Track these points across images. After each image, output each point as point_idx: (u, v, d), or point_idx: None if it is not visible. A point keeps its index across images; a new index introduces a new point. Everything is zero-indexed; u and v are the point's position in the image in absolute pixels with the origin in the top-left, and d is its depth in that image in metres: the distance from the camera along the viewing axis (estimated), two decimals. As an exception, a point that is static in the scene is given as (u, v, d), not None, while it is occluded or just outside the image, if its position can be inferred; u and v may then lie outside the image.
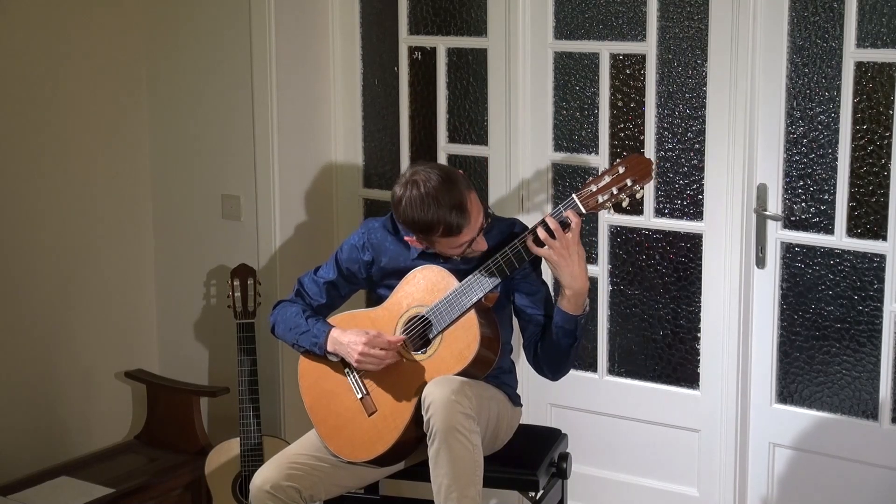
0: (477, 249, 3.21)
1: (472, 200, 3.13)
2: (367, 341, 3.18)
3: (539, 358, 3.30)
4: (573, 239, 3.10)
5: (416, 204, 3.10)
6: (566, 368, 3.32)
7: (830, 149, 3.50)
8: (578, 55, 3.83)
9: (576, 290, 3.15)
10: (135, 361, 4.38)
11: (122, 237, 4.31)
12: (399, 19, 4.10)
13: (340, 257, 3.43)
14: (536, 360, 3.32)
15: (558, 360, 3.27)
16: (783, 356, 3.67)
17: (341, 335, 3.26)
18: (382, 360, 3.19)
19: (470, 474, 3.04)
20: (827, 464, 3.63)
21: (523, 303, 3.32)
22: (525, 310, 3.32)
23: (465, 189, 3.13)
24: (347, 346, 3.22)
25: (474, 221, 3.13)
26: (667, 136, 3.73)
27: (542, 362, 3.30)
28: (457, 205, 3.09)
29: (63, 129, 4.09)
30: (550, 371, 3.32)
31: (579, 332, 3.21)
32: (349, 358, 3.23)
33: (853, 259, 3.52)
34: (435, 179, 3.10)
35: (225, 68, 4.14)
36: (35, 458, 4.04)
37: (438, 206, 3.08)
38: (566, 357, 3.26)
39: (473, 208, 3.12)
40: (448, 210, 3.08)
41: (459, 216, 3.09)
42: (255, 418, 3.92)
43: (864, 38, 3.39)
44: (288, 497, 3.21)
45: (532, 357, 3.32)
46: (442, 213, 3.08)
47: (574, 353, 3.26)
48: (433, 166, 3.18)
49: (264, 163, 4.11)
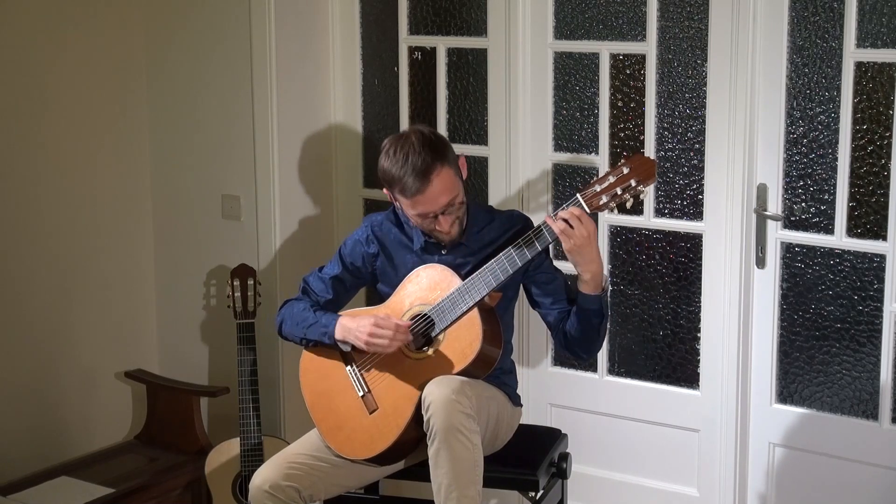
0: (439, 230, 3.22)
1: (440, 173, 3.15)
2: (376, 322, 3.18)
3: (570, 341, 3.30)
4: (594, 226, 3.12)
5: (390, 154, 3.19)
6: (599, 344, 3.34)
7: (830, 149, 3.50)
8: (578, 55, 3.83)
9: (594, 273, 3.16)
10: (135, 361, 4.38)
11: (122, 237, 4.31)
12: (399, 19, 4.10)
13: (344, 252, 3.44)
14: (568, 345, 3.32)
15: (591, 339, 3.29)
16: (783, 356, 3.67)
17: (350, 321, 3.26)
18: (391, 343, 3.18)
19: (470, 474, 3.05)
20: (827, 464, 3.63)
21: (541, 292, 3.33)
22: (544, 300, 3.33)
23: (442, 161, 3.16)
24: (356, 329, 3.22)
25: (433, 194, 3.15)
26: (667, 136, 3.73)
27: (575, 344, 3.31)
28: (422, 169, 3.13)
29: (63, 129, 4.09)
30: (584, 351, 3.34)
31: (605, 308, 3.24)
32: (358, 341, 3.21)
33: (853, 259, 3.52)
34: (416, 140, 3.16)
35: (225, 68, 4.14)
36: (35, 458, 4.04)
37: (405, 162, 3.14)
38: (598, 334, 3.28)
39: (439, 181, 3.15)
40: (411, 170, 3.13)
41: (419, 180, 3.13)
42: (255, 418, 3.92)
43: (864, 38, 3.39)
44: (287, 497, 3.21)
45: (563, 342, 3.32)
46: (404, 171, 3.14)
47: (604, 328, 3.29)
48: (429, 130, 3.24)
49: (264, 163, 4.11)
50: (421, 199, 3.16)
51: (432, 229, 3.25)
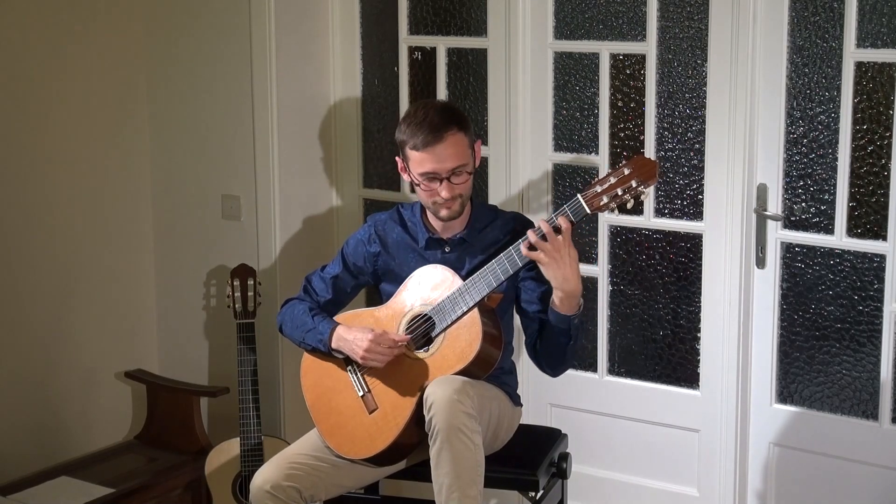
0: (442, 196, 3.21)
1: (453, 134, 3.21)
2: (373, 339, 3.19)
3: (539, 354, 3.32)
4: (564, 242, 3.10)
5: (409, 113, 3.27)
6: (565, 366, 3.33)
7: (830, 149, 3.50)
8: (578, 55, 3.83)
9: (567, 292, 3.15)
10: (135, 361, 4.38)
11: (123, 237, 4.31)
12: (399, 19, 4.10)
13: (346, 251, 3.45)
14: (536, 356, 3.33)
15: (556, 357, 3.28)
16: (783, 356, 3.68)
17: (346, 332, 3.26)
18: (387, 358, 3.20)
19: (471, 474, 3.04)
20: (827, 464, 3.63)
21: (527, 298, 3.32)
22: (529, 306, 3.32)
23: (459, 126, 3.23)
24: (352, 342, 3.23)
25: (442, 152, 3.19)
26: (667, 136, 3.73)
27: (542, 358, 3.32)
28: (436, 124, 3.19)
29: (63, 130, 4.09)
30: (549, 367, 3.34)
31: (573, 331, 3.21)
32: (354, 355, 3.23)
33: (853, 259, 3.53)
34: (438, 103, 3.33)
35: (225, 68, 4.14)
36: (35, 458, 4.04)
37: (422, 119, 3.21)
38: (563, 355, 3.27)
39: (450, 141, 3.20)
40: (427, 124, 3.20)
41: (431, 134, 3.19)
42: (255, 418, 3.92)
43: (864, 38, 3.39)
44: (288, 497, 3.21)
45: (532, 353, 3.34)
46: (417, 126, 3.21)
47: (571, 351, 3.26)
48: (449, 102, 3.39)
49: (264, 163, 4.11)
50: (430, 154, 3.18)
51: (435, 200, 3.24)
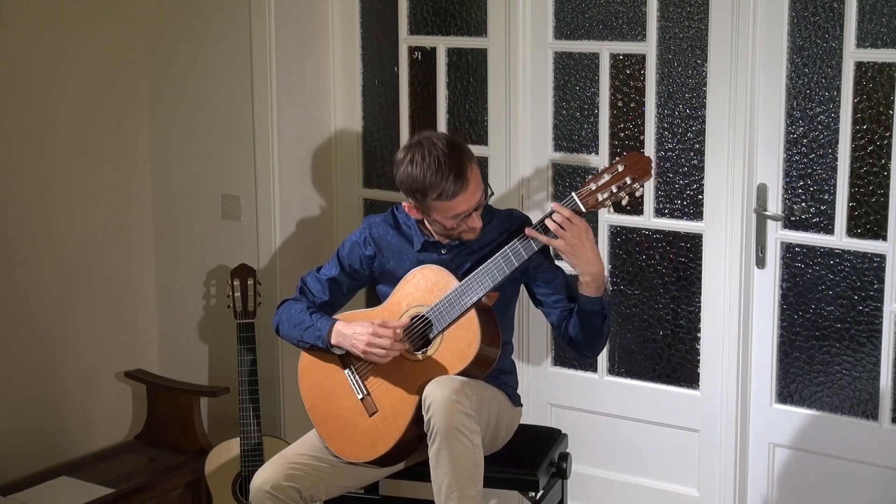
0: (471, 227, 3.22)
1: (472, 171, 3.17)
2: (373, 331, 3.18)
3: (574, 340, 3.30)
4: (584, 225, 3.11)
5: (418, 162, 3.14)
6: (603, 343, 3.34)
7: (830, 149, 3.50)
8: (578, 55, 3.83)
9: (593, 274, 3.16)
10: (135, 361, 4.38)
11: (123, 237, 4.31)
12: (399, 19, 4.10)
13: (342, 253, 3.44)
14: (571, 343, 3.32)
15: (594, 338, 3.29)
16: (783, 356, 3.67)
17: (345, 327, 3.26)
18: (389, 351, 3.19)
19: (471, 474, 3.05)
20: (827, 464, 3.63)
21: (544, 291, 3.33)
22: (547, 298, 3.33)
23: (468, 159, 3.17)
24: (353, 336, 3.22)
25: (471, 193, 3.16)
26: (667, 136, 3.73)
27: (577, 343, 3.31)
28: (457, 170, 3.13)
29: (63, 129, 4.09)
30: (588, 350, 3.34)
31: (607, 309, 3.23)
32: (355, 349, 3.22)
33: (853, 259, 3.52)
34: (440, 144, 3.15)
35: (225, 68, 4.14)
36: (35, 458, 4.04)
37: (439, 166, 3.12)
38: (600, 334, 3.28)
39: (473, 179, 3.16)
40: (447, 172, 3.12)
41: (457, 181, 3.13)
42: (255, 418, 3.92)
43: (864, 38, 3.39)
44: (288, 497, 3.21)
45: (566, 340, 3.32)
46: (441, 175, 3.12)
47: (607, 328, 3.28)
48: (439, 134, 3.24)
49: (264, 163, 4.11)
50: (462, 199, 3.16)
51: (462, 230, 3.24)
